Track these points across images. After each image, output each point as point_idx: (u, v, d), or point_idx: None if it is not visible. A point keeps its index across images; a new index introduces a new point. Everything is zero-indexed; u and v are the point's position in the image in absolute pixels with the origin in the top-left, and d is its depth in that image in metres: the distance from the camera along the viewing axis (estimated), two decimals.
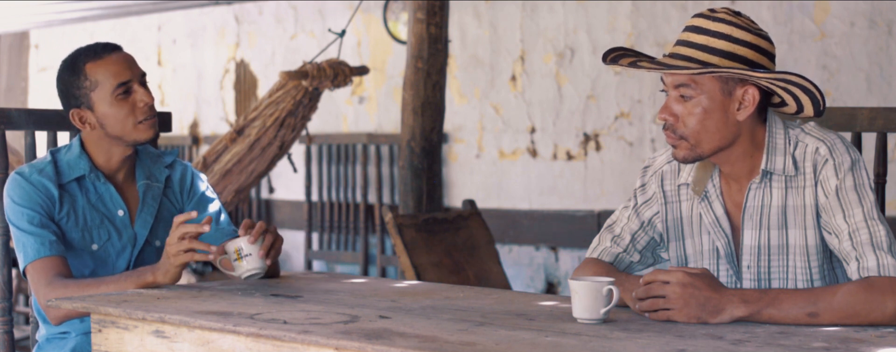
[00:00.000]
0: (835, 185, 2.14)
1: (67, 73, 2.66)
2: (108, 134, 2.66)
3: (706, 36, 2.16)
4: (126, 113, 2.63)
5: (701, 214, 2.30)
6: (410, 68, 4.56)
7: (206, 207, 2.81)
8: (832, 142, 2.17)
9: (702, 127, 2.17)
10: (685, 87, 2.16)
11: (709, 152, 2.20)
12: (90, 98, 2.63)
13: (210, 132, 7.68)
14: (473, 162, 6.33)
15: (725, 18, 2.16)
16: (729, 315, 1.99)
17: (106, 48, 2.66)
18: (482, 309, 2.17)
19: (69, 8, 6.67)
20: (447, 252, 4.26)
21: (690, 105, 2.17)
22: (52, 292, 2.49)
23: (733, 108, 2.17)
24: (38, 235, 2.56)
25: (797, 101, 2.21)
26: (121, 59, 2.65)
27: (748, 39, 2.15)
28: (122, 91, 2.62)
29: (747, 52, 2.14)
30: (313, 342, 1.89)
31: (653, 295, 2.02)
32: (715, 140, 2.19)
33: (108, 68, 2.63)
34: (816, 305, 1.99)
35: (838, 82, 5.05)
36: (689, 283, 1.99)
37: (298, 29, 7.13)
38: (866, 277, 2.05)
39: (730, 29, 2.15)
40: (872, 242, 2.08)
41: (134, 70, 2.66)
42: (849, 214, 2.12)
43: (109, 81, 2.62)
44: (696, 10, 2.44)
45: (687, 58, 2.16)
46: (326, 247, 6.92)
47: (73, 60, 2.66)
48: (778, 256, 2.22)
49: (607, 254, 2.37)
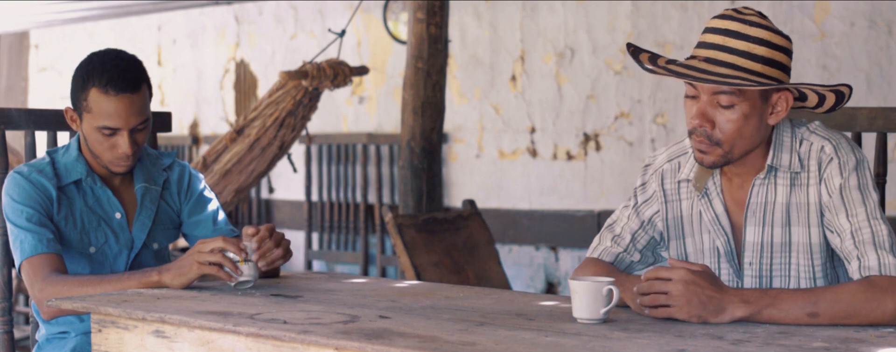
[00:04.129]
0: (839, 183, 2.14)
1: (77, 77, 2.60)
2: (87, 147, 2.65)
3: (746, 42, 2.12)
4: (103, 148, 2.60)
5: (701, 212, 2.30)
6: (410, 68, 4.56)
7: (205, 208, 2.80)
8: (838, 141, 2.18)
9: (739, 134, 2.15)
10: (726, 95, 2.13)
11: (738, 156, 2.19)
12: (82, 113, 2.60)
13: (210, 132, 7.68)
14: (473, 162, 6.33)
15: (759, 22, 2.14)
16: (729, 315, 1.98)
17: (118, 86, 2.54)
18: (482, 309, 2.17)
19: (69, 8, 6.67)
20: (447, 252, 4.26)
21: (730, 112, 2.14)
22: (49, 287, 2.47)
23: (767, 112, 2.17)
24: (36, 232, 2.55)
25: (820, 96, 2.21)
26: (122, 108, 2.55)
27: (783, 44, 2.15)
28: (108, 131, 2.58)
29: (783, 57, 2.15)
30: (313, 342, 1.88)
31: (655, 291, 2.02)
32: (747, 145, 2.18)
33: (107, 107, 2.55)
34: (817, 305, 1.98)
35: (838, 82, 5.05)
36: (692, 280, 1.98)
37: (298, 29, 7.13)
38: (867, 276, 2.05)
39: (768, 34, 2.13)
40: (874, 242, 2.08)
41: (130, 120, 2.56)
42: (852, 213, 2.12)
43: (100, 119, 2.56)
44: (696, 11, 2.44)
45: (729, 64, 2.12)
46: (326, 247, 6.92)
47: (87, 74, 2.57)
48: (780, 253, 2.22)
49: (607, 254, 2.37)
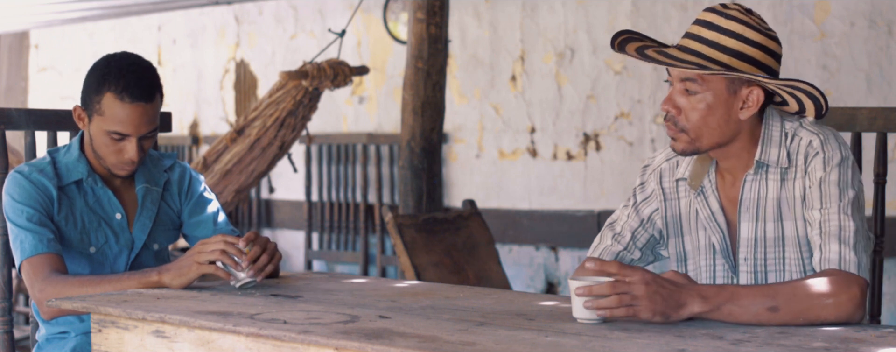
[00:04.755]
0: (820, 177, 2.15)
1: (93, 78, 2.60)
2: (92, 146, 2.65)
3: (717, 33, 2.16)
4: (110, 151, 2.61)
5: (697, 209, 2.30)
6: (410, 68, 4.56)
7: (205, 209, 2.81)
8: (826, 136, 2.18)
9: (703, 122, 2.18)
10: (691, 81, 2.17)
11: (707, 148, 2.22)
12: (93, 114, 2.60)
13: (210, 132, 7.68)
14: (473, 162, 6.33)
15: (738, 17, 2.16)
16: (688, 311, 1.97)
17: (134, 94, 2.55)
18: (482, 309, 2.17)
19: (69, 8, 6.67)
20: (447, 252, 4.26)
21: (694, 100, 2.18)
22: (49, 287, 2.47)
23: (737, 106, 2.18)
24: (37, 232, 2.55)
25: (800, 103, 2.22)
26: (137, 114, 2.56)
27: (758, 40, 2.15)
28: (117, 136, 2.59)
29: (756, 52, 2.15)
30: (313, 342, 1.88)
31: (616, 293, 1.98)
32: (715, 136, 2.19)
33: (120, 113, 2.55)
34: (776, 299, 1.97)
35: (838, 82, 5.05)
36: (652, 280, 1.97)
37: (298, 29, 7.13)
38: (826, 269, 2.05)
39: (741, 28, 2.15)
40: (840, 236, 2.08)
41: (140, 128, 2.57)
42: (825, 205, 2.12)
43: (112, 124, 2.57)
44: (696, 11, 2.44)
45: (696, 53, 2.16)
46: (326, 247, 6.92)
47: (104, 77, 2.57)
48: (774, 248, 2.23)
49: (608, 253, 2.37)
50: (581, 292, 1.99)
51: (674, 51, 2.20)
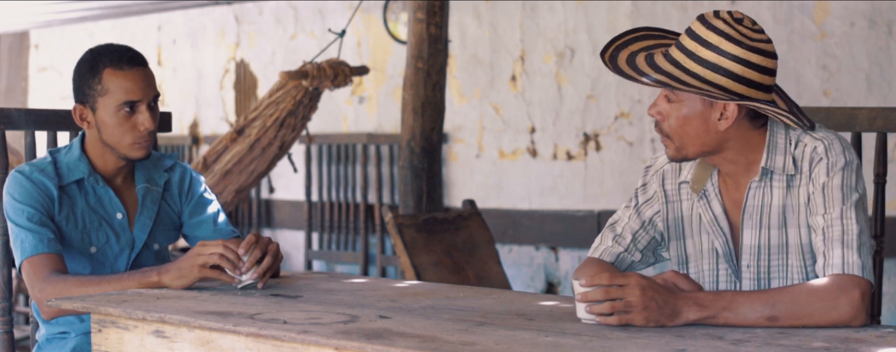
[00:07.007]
0: (823, 182, 2.14)
1: (85, 68, 2.64)
2: (102, 139, 2.65)
3: (697, 44, 2.14)
4: (124, 129, 2.62)
5: (700, 213, 2.30)
6: (410, 68, 4.56)
7: (205, 209, 2.81)
8: (830, 142, 2.17)
9: (682, 131, 2.19)
10: (670, 90, 2.18)
11: (694, 155, 2.22)
12: (96, 101, 2.62)
13: (210, 132, 7.68)
14: (473, 162, 6.33)
15: (719, 27, 2.13)
16: (683, 318, 1.97)
17: (131, 60, 2.62)
18: (482, 309, 2.17)
19: (69, 8, 6.67)
20: (447, 252, 4.26)
21: (673, 108, 2.19)
22: (49, 287, 2.47)
23: (714, 117, 2.17)
24: (37, 232, 2.55)
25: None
26: (139, 77, 2.62)
27: (736, 53, 2.11)
28: (127, 108, 2.61)
29: (733, 65, 2.11)
30: (313, 342, 1.89)
31: (610, 298, 1.98)
32: (696, 145, 2.20)
33: (124, 82, 2.60)
34: (775, 307, 1.96)
35: (838, 82, 5.05)
36: (648, 286, 1.97)
37: (298, 29, 7.13)
38: (828, 274, 2.04)
39: (719, 40, 2.12)
40: (843, 240, 2.07)
41: (148, 91, 2.62)
42: (828, 210, 2.12)
43: (119, 95, 2.60)
44: (696, 11, 2.44)
45: (675, 63, 2.16)
46: (326, 247, 6.92)
47: (95, 59, 2.63)
48: (778, 255, 2.22)
49: (608, 254, 2.37)
50: (579, 298, 2.00)
51: (659, 58, 2.19)
